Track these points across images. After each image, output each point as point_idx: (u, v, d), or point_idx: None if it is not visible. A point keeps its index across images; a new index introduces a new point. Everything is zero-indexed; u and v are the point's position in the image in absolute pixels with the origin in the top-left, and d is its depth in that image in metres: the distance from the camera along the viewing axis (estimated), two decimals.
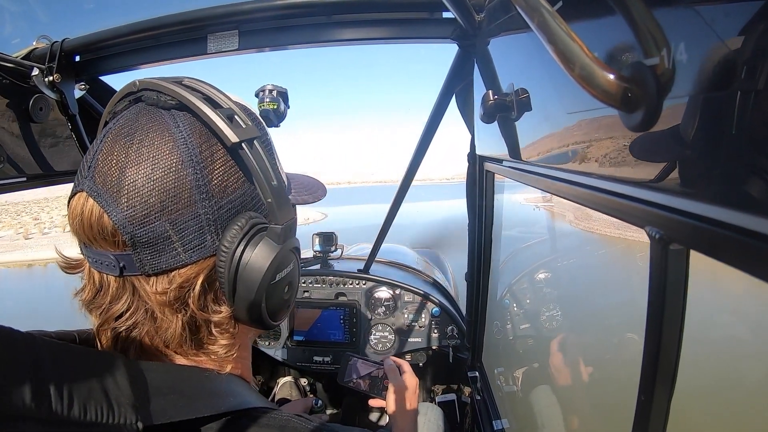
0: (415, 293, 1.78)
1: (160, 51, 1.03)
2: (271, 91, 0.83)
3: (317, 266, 1.93)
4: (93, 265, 0.42)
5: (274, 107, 0.82)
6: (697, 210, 0.30)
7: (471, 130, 1.13)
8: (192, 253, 0.41)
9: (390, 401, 0.97)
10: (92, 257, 0.42)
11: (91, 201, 0.40)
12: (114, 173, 0.39)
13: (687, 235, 0.32)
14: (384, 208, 1.73)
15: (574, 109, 0.48)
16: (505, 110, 0.69)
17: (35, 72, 0.93)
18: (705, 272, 0.39)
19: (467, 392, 1.67)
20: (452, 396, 1.72)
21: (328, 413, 1.85)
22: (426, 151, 1.38)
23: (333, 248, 2.01)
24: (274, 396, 1.81)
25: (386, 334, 1.79)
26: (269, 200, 0.44)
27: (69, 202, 0.42)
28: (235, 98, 0.48)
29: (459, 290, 2.27)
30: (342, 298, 1.81)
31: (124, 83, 0.46)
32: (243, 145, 0.41)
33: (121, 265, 0.40)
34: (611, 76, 0.32)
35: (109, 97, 0.47)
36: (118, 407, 0.34)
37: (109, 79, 1.16)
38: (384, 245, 1.85)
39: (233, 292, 0.43)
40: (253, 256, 0.43)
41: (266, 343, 1.81)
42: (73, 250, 0.46)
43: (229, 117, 0.42)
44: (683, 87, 0.29)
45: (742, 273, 0.26)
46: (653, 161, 0.35)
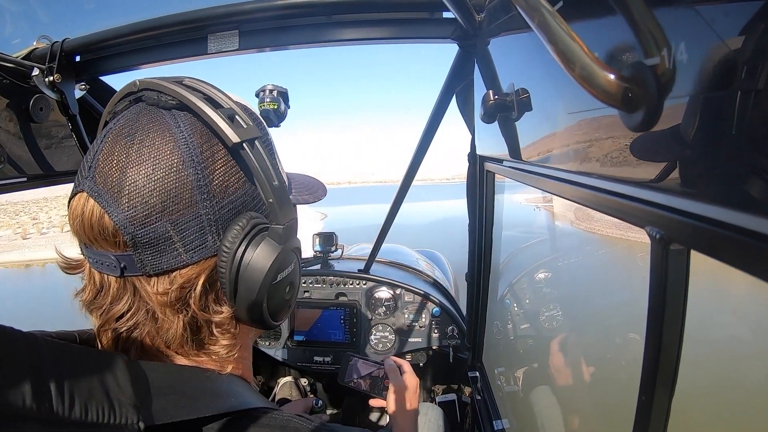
0: (416, 293, 1.78)
1: (160, 51, 1.03)
2: (271, 91, 0.83)
3: (317, 266, 1.93)
4: (94, 265, 0.42)
5: (275, 107, 0.82)
6: (697, 210, 0.30)
7: (471, 130, 1.13)
8: (193, 254, 0.41)
9: (390, 401, 0.96)
10: (93, 258, 0.42)
11: (91, 201, 0.40)
12: (115, 173, 0.39)
13: (687, 235, 0.32)
14: (384, 208, 1.73)
15: (574, 109, 0.48)
16: (506, 110, 0.69)
17: (35, 72, 0.93)
18: (705, 272, 0.39)
19: (467, 392, 1.67)
20: (452, 396, 1.71)
21: (329, 413, 1.85)
22: (426, 151, 1.38)
23: (333, 248, 2.01)
24: (275, 396, 1.81)
25: (386, 334, 1.79)
26: (270, 200, 0.44)
27: (69, 202, 0.42)
28: (236, 98, 0.48)
29: (459, 290, 2.27)
30: (342, 298, 1.81)
31: (125, 83, 0.46)
32: (244, 145, 0.41)
33: (122, 265, 0.40)
34: (612, 76, 0.33)
35: (110, 97, 0.47)
36: (119, 407, 0.34)
37: (109, 79, 1.16)
38: (384, 245, 1.85)
39: (234, 292, 0.43)
40: (254, 256, 0.43)
41: (267, 343, 1.81)
42: (73, 251, 0.46)
43: (230, 117, 0.42)
44: (683, 87, 0.29)
45: (742, 273, 0.26)
46: (654, 161, 0.35)
